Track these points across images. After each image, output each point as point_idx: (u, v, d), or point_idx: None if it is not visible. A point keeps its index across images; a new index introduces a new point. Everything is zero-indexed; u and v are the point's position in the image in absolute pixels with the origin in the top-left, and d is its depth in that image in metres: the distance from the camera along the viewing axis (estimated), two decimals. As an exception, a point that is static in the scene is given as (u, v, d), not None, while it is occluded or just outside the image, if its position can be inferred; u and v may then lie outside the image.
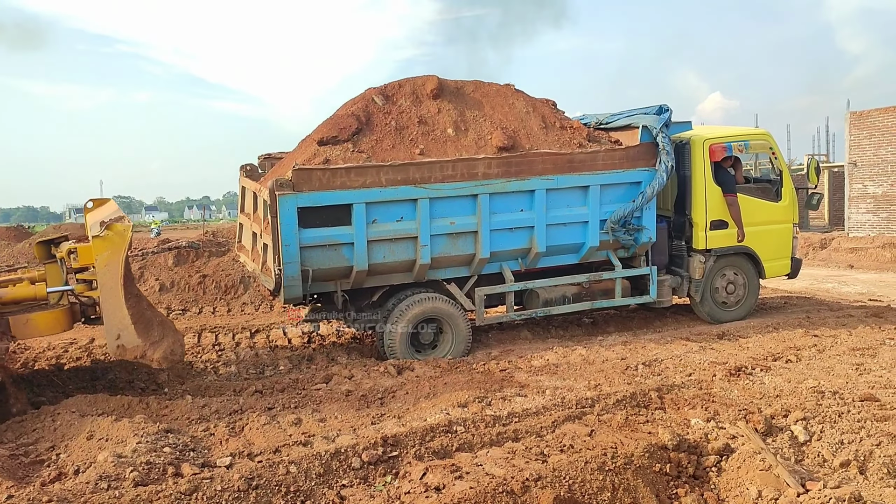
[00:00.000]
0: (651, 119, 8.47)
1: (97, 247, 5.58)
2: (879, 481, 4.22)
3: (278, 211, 6.98)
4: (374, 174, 7.30)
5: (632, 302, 9.04)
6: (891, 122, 21.48)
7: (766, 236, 9.51)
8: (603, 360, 7.16)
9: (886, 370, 6.51)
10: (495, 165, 7.71)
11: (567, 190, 8.10)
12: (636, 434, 4.83)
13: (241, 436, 5.10)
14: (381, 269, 7.58)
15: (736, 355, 7.29)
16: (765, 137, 9.75)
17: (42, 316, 6.08)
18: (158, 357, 5.66)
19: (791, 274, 9.95)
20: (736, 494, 4.18)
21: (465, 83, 8.59)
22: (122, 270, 5.62)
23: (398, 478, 4.31)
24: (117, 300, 5.60)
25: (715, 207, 9.12)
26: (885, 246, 18.57)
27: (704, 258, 9.13)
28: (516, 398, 5.79)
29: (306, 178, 7.09)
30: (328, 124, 7.99)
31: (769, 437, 4.86)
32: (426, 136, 7.97)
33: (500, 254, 8.03)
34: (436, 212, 7.56)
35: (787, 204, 9.69)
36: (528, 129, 8.33)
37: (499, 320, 8.57)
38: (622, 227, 8.38)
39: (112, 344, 5.65)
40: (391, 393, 6.12)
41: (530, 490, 3.92)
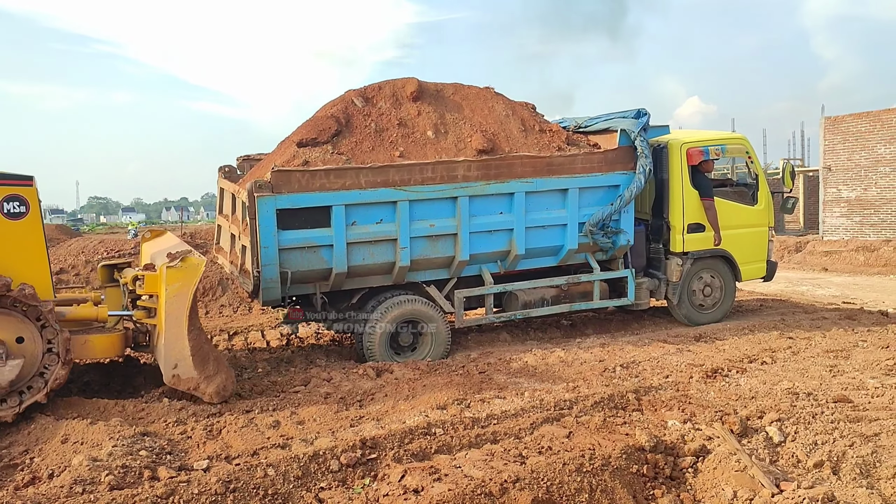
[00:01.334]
0: (629, 123, 8.53)
1: (169, 277, 5.68)
2: (852, 481, 4.28)
3: (257, 212, 6.95)
4: (354, 176, 7.29)
5: (610, 304, 9.10)
6: (864, 127, 21.80)
7: (743, 240, 9.61)
8: (581, 363, 7.20)
9: (859, 372, 6.60)
10: (475, 168, 7.74)
11: (546, 193, 8.15)
12: (614, 436, 4.86)
13: (219, 439, 5.06)
14: (360, 271, 7.56)
15: (712, 357, 7.36)
16: (741, 142, 9.87)
17: (100, 338, 6.17)
18: (211, 391, 5.74)
19: (767, 277, 10.07)
20: (712, 495, 4.22)
21: (445, 86, 8.61)
22: (190, 303, 5.71)
23: (376, 480, 4.30)
24: (180, 331, 5.68)
25: (692, 211, 9.21)
26: (858, 249, 18.86)
27: (682, 261, 9.21)
28: (495, 400, 5.80)
29: (285, 179, 7.06)
30: (307, 126, 7.98)
31: (745, 438, 4.91)
32: (406, 138, 7.98)
33: (480, 256, 8.05)
34: (415, 214, 7.57)
35: (762, 208, 9.81)
36: (508, 132, 8.37)
37: (478, 322, 8.59)
38: (600, 229, 8.44)
39: (168, 373, 5.72)
40: (370, 395, 6.11)
41: (508, 492, 3.93)
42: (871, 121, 21.76)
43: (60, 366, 5.61)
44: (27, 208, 5.80)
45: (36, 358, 5.59)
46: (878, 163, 21.41)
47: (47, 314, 5.59)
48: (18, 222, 5.76)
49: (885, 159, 21.33)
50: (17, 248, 5.76)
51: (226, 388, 5.82)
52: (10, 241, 5.73)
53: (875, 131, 21.57)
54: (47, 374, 5.59)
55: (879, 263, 18.03)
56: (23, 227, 5.78)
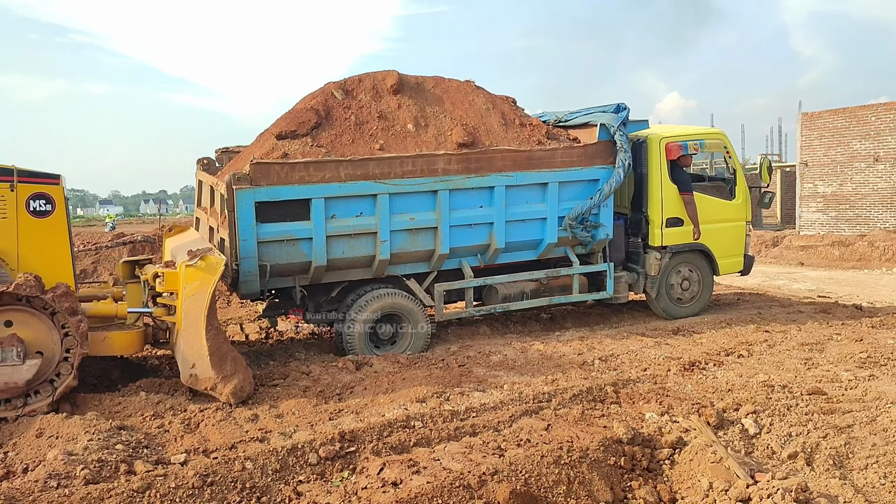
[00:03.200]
0: (609, 117, 8.56)
1: (188, 276, 5.65)
2: (825, 472, 4.35)
3: (236, 205, 6.89)
4: (334, 169, 7.25)
5: (589, 298, 9.13)
6: (840, 123, 22.06)
7: (721, 234, 9.68)
8: (560, 356, 7.23)
9: (833, 364, 6.69)
10: (455, 161, 7.73)
11: (526, 187, 8.16)
12: (592, 428, 4.89)
13: (197, 432, 5.03)
14: (340, 264, 7.54)
15: (690, 350, 7.43)
16: (719, 137, 9.93)
17: (119, 335, 6.17)
18: (228, 392, 5.65)
19: (744, 271, 10.16)
20: (688, 486, 4.26)
21: (426, 79, 8.59)
22: (209, 302, 5.68)
23: (355, 473, 4.30)
24: (198, 330, 5.64)
25: (671, 205, 9.27)
26: (833, 244, 19.08)
27: (660, 255, 9.27)
28: (474, 393, 5.82)
29: (264, 172, 7.01)
30: (287, 118, 7.92)
31: (721, 430, 4.97)
32: (386, 131, 7.94)
33: (460, 250, 8.05)
34: (395, 207, 7.54)
35: (740, 202, 9.89)
36: (488, 126, 8.36)
37: (458, 316, 8.60)
38: (580, 223, 8.47)
39: (186, 372, 5.69)
40: (349, 388, 6.09)
41: (487, 484, 3.95)
42: (848, 117, 22.03)
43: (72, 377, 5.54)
44: (53, 206, 5.83)
45: (52, 361, 5.54)
46: (854, 159, 21.68)
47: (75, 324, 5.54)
48: (44, 220, 5.80)
49: (861, 155, 21.60)
50: (42, 245, 5.79)
51: (243, 389, 5.73)
52: (35, 238, 5.76)
53: (851, 127, 21.83)
54: (57, 381, 5.53)
55: (854, 258, 18.26)
56: (49, 225, 5.81)
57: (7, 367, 5.25)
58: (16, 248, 5.72)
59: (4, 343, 5.30)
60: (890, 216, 21.04)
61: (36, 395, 5.48)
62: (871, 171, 21.42)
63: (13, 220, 5.71)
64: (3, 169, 5.76)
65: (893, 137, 20.84)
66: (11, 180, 5.72)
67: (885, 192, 21.20)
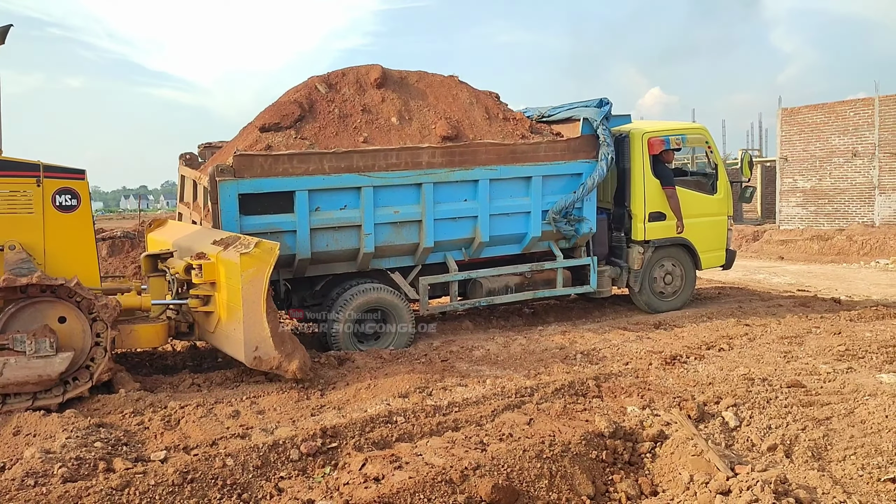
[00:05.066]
0: (592, 112, 8.59)
1: (244, 263, 5.72)
2: (804, 464, 4.39)
3: (219, 197, 6.86)
4: (318, 161, 7.22)
5: (573, 292, 9.17)
6: (819, 118, 22.26)
7: (703, 228, 9.74)
8: (543, 350, 7.24)
9: (812, 357, 6.76)
10: (439, 155, 7.73)
11: (510, 180, 8.18)
12: (574, 422, 4.91)
13: (177, 429, 4.99)
14: (324, 257, 7.51)
15: (671, 344, 7.47)
16: (701, 132, 9.99)
17: (145, 328, 6.25)
18: (294, 368, 5.81)
19: (726, 265, 10.24)
20: (669, 479, 4.29)
21: (409, 73, 8.57)
22: (266, 286, 5.78)
23: (337, 469, 4.29)
24: (259, 314, 5.76)
25: (653, 199, 9.31)
26: (813, 238, 19.30)
27: (643, 249, 9.32)
28: (457, 388, 5.82)
29: (248, 164, 6.97)
30: (270, 111, 7.88)
31: (702, 423, 5.00)
32: (370, 124, 7.93)
33: (444, 243, 8.05)
34: (380, 200, 7.53)
35: (722, 197, 9.95)
36: (472, 120, 8.36)
37: (442, 310, 8.61)
38: (564, 217, 8.50)
39: (249, 356, 5.79)
40: (331, 384, 6.07)
41: (469, 479, 3.95)
42: (826, 112, 22.23)
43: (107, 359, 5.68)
44: (78, 201, 5.88)
45: (84, 351, 5.64)
46: (833, 154, 21.90)
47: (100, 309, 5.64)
48: (70, 215, 5.84)
49: (839, 150, 21.81)
50: (67, 240, 5.83)
51: (306, 364, 5.94)
52: (61, 233, 5.80)
53: (830, 123, 22.04)
54: (93, 366, 5.66)
55: (833, 252, 18.47)
56: (74, 220, 5.86)
57: (40, 358, 5.33)
58: (42, 243, 5.76)
59: (37, 334, 5.38)
60: (868, 211, 21.28)
61: (74, 381, 5.60)
62: (850, 166, 21.65)
63: (39, 215, 5.75)
64: (29, 164, 5.77)
65: (871, 133, 21.07)
66: (38, 175, 5.75)
67: (862, 187, 21.43)
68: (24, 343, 5.32)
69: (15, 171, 5.70)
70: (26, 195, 5.72)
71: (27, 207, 5.72)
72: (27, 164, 5.75)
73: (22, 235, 5.66)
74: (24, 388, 5.34)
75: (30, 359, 5.31)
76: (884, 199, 20.98)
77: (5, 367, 5.25)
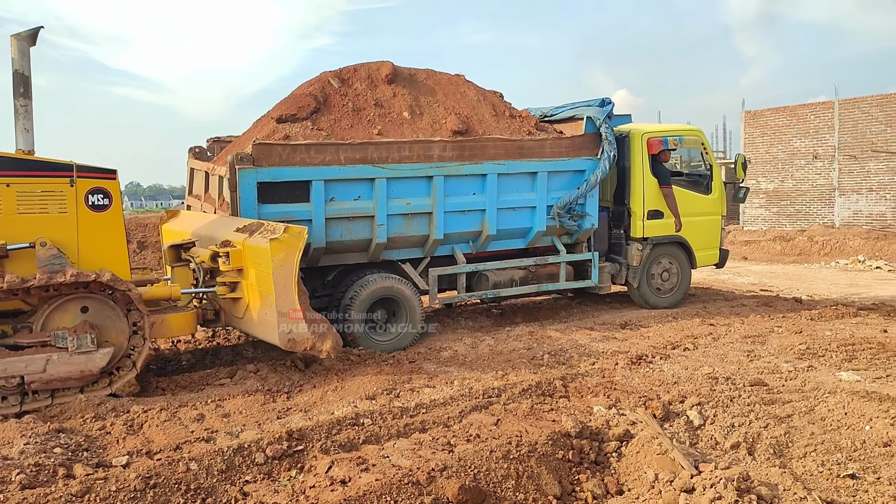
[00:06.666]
0: (595, 111, 8.89)
1: (274, 248, 5.89)
2: (766, 461, 4.45)
3: (238, 185, 6.97)
4: (334, 152, 7.37)
5: (575, 286, 9.41)
6: (781, 121, 22.66)
7: (698, 227, 10.03)
8: (510, 351, 7.27)
9: (774, 356, 6.87)
10: (450, 148, 7.93)
11: (517, 175, 8.42)
12: (541, 422, 4.93)
13: (140, 434, 4.91)
14: (337, 247, 7.64)
15: (637, 344, 7.54)
16: (697, 134, 10.37)
17: (176, 317, 6.38)
18: (327, 348, 6.09)
19: (719, 264, 10.60)
20: (635, 478, 4.32)
21: (418, 71, 8.79)
22: (296, 270, 5.98)
23: (303, 472, 4.25)
24: (291, 297, 5.96)
25: (652, 198, 9.57)
26: (775, 239, 19.62)
27: (642, 246, 9.56)
28: (425, 389, 5.81)
29: (266, 153, 7.09)
30: (286, 103, 8.08)
31: (667, 422, 5.05)
32: (383, 118, 8.12)
33: (453, 236, 8.23)
34: (392, 192, 7.70)
35: (716, 197, 10.27)
36: (480, 116, 8.60)
37: (451, 301, 8.76)
38: (567, 212, 8.75)
39: (283, 338, 6.01)
40: (298, 386, 6.03)
41: (436, 480, 3.94)
42: (788, 115, 22.64)
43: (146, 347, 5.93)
44: (110, 201, 6.00)
45: (123, 343, 5.82)
46: (794, 156, 22.31)
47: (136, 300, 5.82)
48: (102, 214, 5.95)
49: (801, 152, 22.23)
50: (100, 238, 5.94)
51: (338, 344, 6.18)
52: (93, 231, 5.91)
53: (791, 125, 22.45)
54: (134, 354, 5.87)
55: (795, 252, 18.80)
56: (106, 219, 5.97)
57: (82, 354, 5.48)
58: (76, 242, 5.85)
59: (78, 330, 5.51)
60: (828, 212, 21.71)
61: (118, 371, 5.81)
62: (811, 167, 22.06)
63: (73, 215, 5.84)
64: (62, 164, 5.85)
65: (831, 135, 21.50)
66: (71, 175, 5.83)
67: (823, 189, 21.86)
68: (65, 339, 5.46)
69: (49, 172, 5.79)
70: (60, 195, 5.80)
71: (61, 207, 5.81)
72: (61, 165, 5.84)
73: (55, 234, 5.75)
74: (67, 383, 5.51)
75: (72, 355, 5.45)
76: (843, 201, 21.43)
77: (49, 363, 5.38)
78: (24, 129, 5.75)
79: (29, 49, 5.74)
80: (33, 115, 5.82)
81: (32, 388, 5.41)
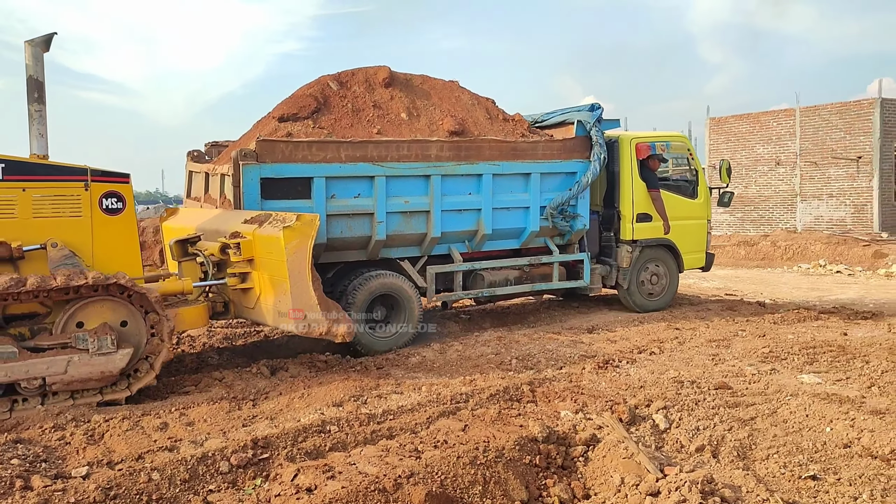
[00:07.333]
0: (585, 115, 9.14)
1: (286, 236, 6.04)
2: (730, 463, 4.51)
3: (242, 181, 7.06)
4: (335, 150, 7.52)
5: (567, 286, 9.55)
6: (745, 128, 23.05)
7: (685, 230, 10.23)
8: (479, 356, 7.27)
9: (738, 360, 6.97)
10: (447, 148, 8.10)
11: (511, 176, 8.62)
12: (508, 427, 4.93)
13: (101, 444, 4.80)
14: (338, 244, 7.74)
15: (604, 348, 7.60)
16: (682, 140, 10.72)
17: (189, 311, 6.47)
18: (343, 332, 6.23)
19: (705, 267, 10.82)
20: (601, 482, 4.33)
21: (413, 76, 8.99)
22: (310, 257, 6.14)
23: (268, 480, 4.19)
24: (305, 284, 6.12)
25: (641, 201, 9.76)
26: (739, 244, 19.91)
27: (631, 248, 9.74)
28: (392, 395, 5.78)
29: (270, 149, 7.22)
30: (288, 103, 8.22)
31: (633, 426, 5.09)
32: (382, 118, 8.28)
33: (450, 235, 8.38)
34: (391, 190, 7.85)
35: (702, 201, 10.50)
36: (475, 119, 8.80)
37: (448, 299, 8.84)
38: (560, 213, 8.94)
39: (300, 324, 6.17)
40: (264, 394, 5.95)
41: (402, 487, 3.92)
42: (751, 122, 23.04)
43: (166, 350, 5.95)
44: (124, 204, 6.08)
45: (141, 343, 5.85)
46: (758, 162, 22.71)
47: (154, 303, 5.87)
48: (116, 217, 6.04)
49: (764, 159, 22.63)
50: (114, 241, 6.03)
51: (352, 329, 6.36)
52: (108, 235, 6.00)
53: (755, 132, 22.86)
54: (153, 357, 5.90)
55: (758, 257, 19.10)
56: (120, 222, 6.06)
57: (103, 355, 5.51)
58: (90, 245, 5.93)
59: (98, 332, 5.54)
60: (790, 217, 22.12)
61: (136, 373, 5.84)
62: (773, 174, 22.47)
63: (88, 218, 5.92)
64: (77, 169, 5.92)
65: (793, 142, 21.92)
66: (86, 179, 5.90)
67: (785, 195, 22.27)
68: (86, 341, 5.48)
69: (64, 176, 5.86)
70: (75, 199, 5.86)
71: (76, 210, 5.87)
72: (76, 169, 5.91)
73: (70, 237, 5.82)
74: (88, 384, 5.54)
75: (92, 356, 5.47)
76: (805, 206, 21.85)
77: (69, 364, 5.41)
78: (38, 133, 5.83)
79: (42, 55, 5.84)
80: (47, 120, 5.89)
81: (53, 389, 5.44)
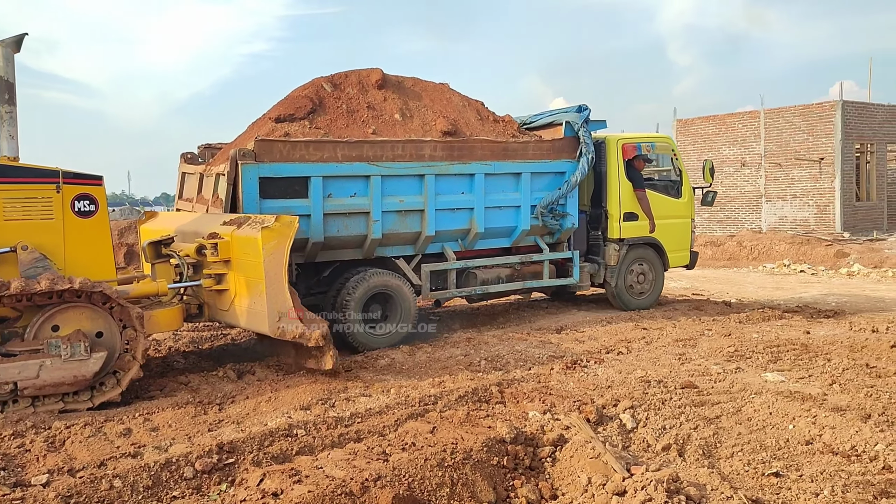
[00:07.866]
0: (573, 116, 9.34)
1: (265, 237, 6.04)
2: (695, 462, 4.55)
3: (240, 180, 7.10)
4: (332, 149, 7.62)
5: (557, 283, 9.72)
6: (711, 129, 23.35)
7: (670, 229, 10.40)
8: (448, 357, 7.26)
9: (704, 359, 7.05)
10: (440, 148, 8.25)
11: (503, 176, 8.79)
12: (477, 429, 4.93)
13: (62, 451, 4.71)
14: (334, 243, 7.82)
15: (573, 349, 7.64)
16: (667, 140, 10.92)
17: (163, 313, 6.42)
18: (317, 336, 6.09)
19: (690, 265, 10.98)
20: (569, 483, 4.35)
21: (405, 78, 9.14)
22: (287, 258, 6.12)
23: (234, 485, 4.15)
24: (281, 286, 6.09)
25: (627, 200, 9.95)
26: (706, 244, 20.17)
27: (619, 247, 9.92)
28: (360, 398, 5.75)
29: (268, 149, 7.30)
30: (284, 104, 8.31)
31: (600, 426, 5.11)
32: (376, 119, 8.42)
33: (443, 233, 8.51)
34: (387, 189, 7.96)
35: (686, 201, 10.69)
36: (467, 120, 8.96)
37: (442, 297, 8.92)
38: (550, 212, 9.11)
39: (273, 325, 6.09)
40: (231, 398, 5.89)
41: (370, 490, 3.90)
42: (717, 124, 23.36)
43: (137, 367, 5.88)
44: (97, 207, 6.02)
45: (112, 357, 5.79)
46: (724, 163, 23.01)
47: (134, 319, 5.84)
48: (89, 220, 5.98)
49: (730, 160, 22.95)
50: (86, 244, 5.97)
51: (327, 333, 6.20)
52: (80, 238, 5.94)
53: (721, 133, 23.17)
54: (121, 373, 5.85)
55: (725, 257, 19.37)
56: (93, 225, 6.00)
57: (76, 361, 5.47)
58: (62, 248, 5.88)
59: (72, 338, 5.50)
60: (756, 218, 22.45)
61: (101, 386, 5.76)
62: (739, 175, 22.80)
63: (59, 221, 5.87)
64: (49, 171, 5.88)
65: (757, 144, 22.26)
66: (57, 182, 5.86)
67: (750, 195, 22.60)
68: (59, 347, 5.45)
69: (35, 178, 5.81)
70: (47, 201, 5.80)
71: (47, 213, 5.81)
72: (47, 171, 5.86)
73: (42, 240, 5.76)
74: (60, 388, 5.48)
75: (65, 360, 5.44)
76: (770, 207, 22.19)
77: (42, 369, 5.38)
78: (8, 135, 5.79)
79: (13, 55, 5.79)
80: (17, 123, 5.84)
81: (26, 393, 5.38)
